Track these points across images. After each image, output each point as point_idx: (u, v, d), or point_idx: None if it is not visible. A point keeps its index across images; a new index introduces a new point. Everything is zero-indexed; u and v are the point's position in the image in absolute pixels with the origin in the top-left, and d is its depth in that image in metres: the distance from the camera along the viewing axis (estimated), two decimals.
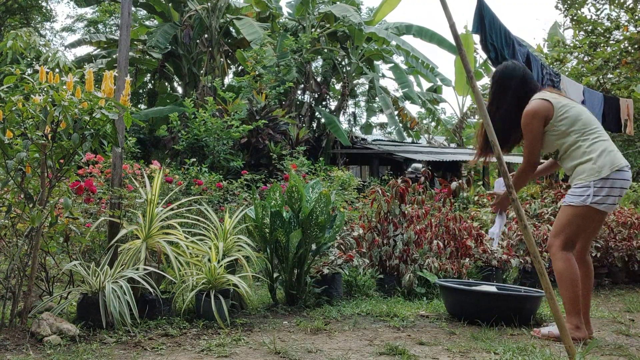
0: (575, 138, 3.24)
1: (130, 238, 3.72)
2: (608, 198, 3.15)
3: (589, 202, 3.16)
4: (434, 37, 15.72)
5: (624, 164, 3.20)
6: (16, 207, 3.27)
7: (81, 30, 22.80)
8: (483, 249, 5.08)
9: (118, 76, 3.59)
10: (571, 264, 3.20)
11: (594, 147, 3.21)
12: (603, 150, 3.18)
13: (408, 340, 3.15)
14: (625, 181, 3.21)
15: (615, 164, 3.16)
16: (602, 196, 3.13)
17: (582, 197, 3.18)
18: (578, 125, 3.25)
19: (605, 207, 3.17)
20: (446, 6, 2.98)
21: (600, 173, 3.14)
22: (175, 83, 18.07)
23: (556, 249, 3.25)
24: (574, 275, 3.19)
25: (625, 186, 3.22)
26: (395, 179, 5.03)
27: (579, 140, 3.24)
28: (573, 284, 3.18)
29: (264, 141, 9.77)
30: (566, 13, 8.03)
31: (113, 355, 2.72)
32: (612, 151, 3.21)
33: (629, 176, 3.23)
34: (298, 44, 13.42)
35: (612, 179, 3.15)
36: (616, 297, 4.99)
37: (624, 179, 3.19)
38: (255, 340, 3.09)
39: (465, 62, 2.96)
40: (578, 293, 3.19)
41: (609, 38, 7.70)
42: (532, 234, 2.81)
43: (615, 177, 3.16)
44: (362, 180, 12.46)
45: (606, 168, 3.15)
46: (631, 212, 6.23)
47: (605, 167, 3.15)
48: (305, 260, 4.06)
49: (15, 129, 3.05)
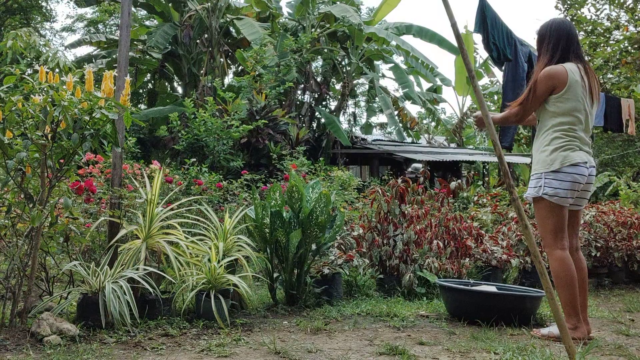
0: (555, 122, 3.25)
1: (130, 238, 3.72)
2: (559, 191, 3.16)
3: (541, 193, 3.20)
4: (434, 37, 15.72)
5: (579, 160, 3.20)
6: (16, 207, 3.27)
7: (81, 30, 22.80)
8: (483, 249, 5.08)
9: (118, 76, 3.59)
10: (565, 264, 3.20)
11: (558, 141, 3.21)
12: (561, 147, 3.20)
13: (408, 340, 3.15)
14: (580, 176, 3.19)
15: (568, 159, 3.17)
16: (553, 188, 3.16)
17: (535, 188, 3.25)
18: (567, 118, 3.24)
19: (557, 200, 3.18)
20: (448, 5, 2.98)
21: (552, 166, 3.18)
22: (175, 83, 18.06)
23: (549, 249, 3.28)
24: (569, 276, 3.18)
25: (580, 181, 3.20)
26: (395, 179, 5.03)
27: (557, 129, 3.24)
28: (569, 284, 3.18)
29: (264, 141, 9.77)
30: (566, 13, 8.03)
31: (113, 355, 2.72)
32: (573, 149, 3.21)
33: (585, 172, 3.21)
34: (298, 44, 13.42)
35: (563, 173, 3.17)
36: (616, 297, 4.98)
37: (577, 173, 3.18)
38: (255, 340, 3.09)
39: (467, 61, 2.96)
40: (575, 293, 3.18)
41: (609, 38, 7.70)
42: (532, 234, 2.81)
43: (567, 170, 3.17)
44: (362, 180, 12.45)
45: (557, 162, 3.18)
46: (631, 212, 6.24)
47: (557, 161, 3.19)
48: (305, 260, 4.06)
49: (15, 129, 3.05)
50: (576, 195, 3.26)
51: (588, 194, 3.39)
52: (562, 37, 3.32)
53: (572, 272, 3.19)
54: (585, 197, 3.39)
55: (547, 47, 3.36)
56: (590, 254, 5.46)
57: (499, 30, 4.54)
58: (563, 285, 3.19)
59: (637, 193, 8.55)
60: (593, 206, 6.52)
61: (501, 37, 4.57)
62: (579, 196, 3.32)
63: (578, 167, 3.19)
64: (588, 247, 5.50)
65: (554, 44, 3.34)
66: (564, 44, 3.32)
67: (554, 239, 3.25)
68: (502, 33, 4.57)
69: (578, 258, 3.37)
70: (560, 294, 3.21)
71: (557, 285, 3.22)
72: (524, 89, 4.99)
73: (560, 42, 3.33)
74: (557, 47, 3.33)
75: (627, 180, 11.32)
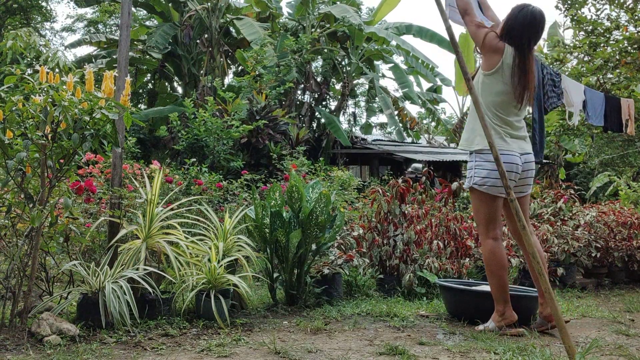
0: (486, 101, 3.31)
1: (130, 238, 3.72)
2: (487, 180, 3.25)
3: (472, 183, 3.30)
4: (434, 37, 15.72)
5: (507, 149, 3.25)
6: (16, 207, 3.27)
7: (81, 30, 22.79)
8: None
9: (118, 76, 3.58)
10: (496, 253, 3.32)
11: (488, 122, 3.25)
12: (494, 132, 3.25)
13: (408, 340, 3.15)
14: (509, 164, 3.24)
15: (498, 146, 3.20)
16: (481, 177, 3.26)
17: (467, 178, 3.37)
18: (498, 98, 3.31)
19: (487, 190, 3.26)
20: (442, 10, 3.00)
21: (471, 146, 3.30)
22: (175, 83, 18.07)
23: (481, 238, 3.43)
24: (499, 264, 3.32)
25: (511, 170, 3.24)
26: (395, 179, 5.03)
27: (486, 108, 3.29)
28: (498, 272, 3.32)
29: (264, 141, 9.77)
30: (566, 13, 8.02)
31: (113, 355, 2.72)
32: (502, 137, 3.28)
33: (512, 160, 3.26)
34: (298, 44, 13.42)
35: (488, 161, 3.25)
36: (616, 297, 4.99)
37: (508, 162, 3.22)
38: (255, 340, 3.09)
39: (462, 63, 2.97)
40: (504, 281, 3.33)
41: (609, 38, 7.69)
42: (530, 234, 2.81)
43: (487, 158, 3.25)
44: (362, 180, 12.45)
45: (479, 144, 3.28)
46: (631, 212, 6.24)
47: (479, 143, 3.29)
48: (305, 260, 4.06)
49: (16, 129, 3.05)
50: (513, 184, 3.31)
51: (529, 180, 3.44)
52: (517, 23, 3.36)
53: (503, 261, 3.34)
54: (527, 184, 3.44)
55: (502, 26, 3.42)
56: (590, 254, 5.46)
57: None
58: (492, 273, 3.35)
59: (637, 193, 8.56)
60: (593, 206, 6.53)
61: None
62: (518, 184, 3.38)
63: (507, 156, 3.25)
64: (588, 247, 5.50)
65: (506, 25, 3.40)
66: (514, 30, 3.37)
67: (486, 228, 3.38)
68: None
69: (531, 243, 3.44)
70: (490, 280, 3.37)
71: (488, 273, 3.39)
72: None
73: (510, 26, 3.37)
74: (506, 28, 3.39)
75: (627, 180, 11.33)
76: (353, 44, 15.33)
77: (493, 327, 3.34)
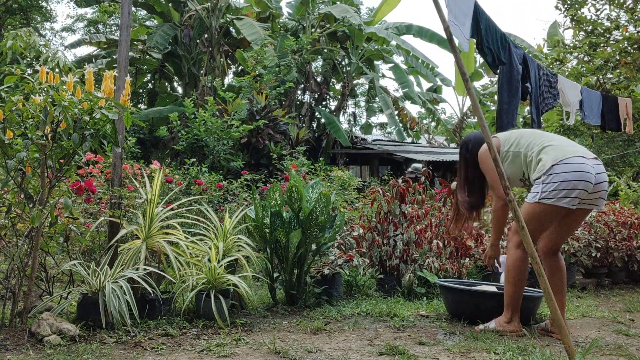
0: (525, 152, 3.34)
1: (130, 238, 3.72)
2: (557, 192, 3.13)
3: (538, 198, 3.21)
4: (434, 37, 15.73)
5: (570, 155, 3.18)
6: (16, 207, 3.27)
7: (81, 30, 22.80)
8: (483, 249, 5.08)
9: (118, 76, 3.59)
10: (521, 264, 3.29)
11: (542, 151, 3.27)
12: (548, 150, 3.25)
13: (408, 340, 3.15)
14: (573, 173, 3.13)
15: (559, 157, 3.18)
16: (550, 191, 3.15)
17: (532, 193, 3.26)
18: (523, 142, 3.35)
19: (555, 202, 3.14)
20: (440, 10, 2.99)
21: (544, 168, 3.20)
22: (175, 83, 18.07)
23: (510, 245, 3.36)
24: (521, 276, 3.31)
25: (582, 178, 3.13)
26: (395, 179, 5.03)
27: (528, 153, 3.32)
28: (518, 283, 3.30)
29: (264, 141, 9.77)
30: (566, 13, 8.02)
31: (113, 355, 2.72)
32: (559, 146, 3.25)
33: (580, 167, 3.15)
34: (298, 44, 13.42)
35: (554, 174, 3.17)
36: (616, 297, 4.99)
37: (570, 171, 3.13)
38: (255, 340, 3.09)
39: (461, 64, 2.96)
40: (521, 291, 3.32)
41: (608, 38, 7.70)
42: (529, 235, 2.81)
43: (557, 171, 3.16)
44: (362, 180, 12.45)
45: (548, 163, 3.20)
46: (631, 212, 6.24)
47: (548, 162, 3.21)
48: (305, 260, 4.06)
49: (16, 129, 3.05)
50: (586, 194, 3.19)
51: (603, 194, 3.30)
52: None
53: (525, 273, 3.33)
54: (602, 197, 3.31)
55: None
56: (591, 254, 5.46)
57: (493, 34, 4.54)
58: (511, 282, 3.32)
59: (637, 193, 8.55)
60: None
61: (495, 41, 4.57)
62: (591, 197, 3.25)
63: (570, 165, 3.17)
64: (588, 247, 5.50)
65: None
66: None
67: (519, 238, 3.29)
68: (496, 37, 4.57)
69: (555, 260, 3.43)
70: (507, 287, 3.35)
71: (507, 280, 3.36)
72: (519, 91, 5.04)
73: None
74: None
75: (627, 180, 11.31)
76: (353, 44, 15.34)
77: (493, 327, 3.32)
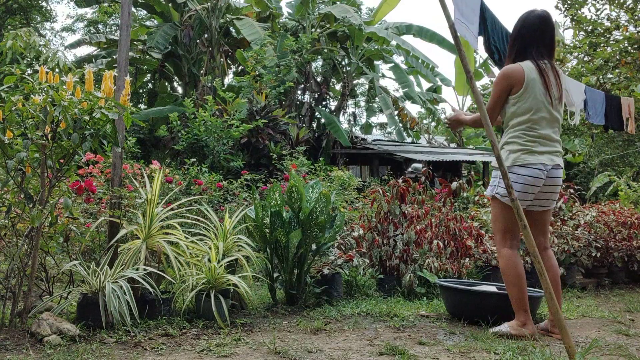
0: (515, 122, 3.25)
1: (130, 238, 3.72)
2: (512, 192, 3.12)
3: (494, 192, 3.23)
4: (434, 37, 15.72)
5: (533, 161, 3.18)
6: (16, 207, 3.27)
7: (81, 30, 22.82)
8: (483, 249, 5.08)
9: (118, 76, 3.58)
10: (511, 262, 3.26)
11: (517, 141, 3.22)
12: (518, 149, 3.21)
13: (408, 340, 3.15)
14: (534, 178, 3.18)
15: (519, 160, 3.17)
16: (504, 188, 3.10)
17: (491, 187, 3.28)
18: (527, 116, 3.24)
19: (508, 201, 3.12)
20: (445, 6, 2.99)
21: (505, 162, 3.17)
22: (175, 83, 18.06)
23: (497, 247, 3.35)
24: (516, 274, 3.25)
25: (534, 183, 3.18)
26: (395, 179, 5.03)
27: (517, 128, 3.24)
28: (516, 281, 3.25)
29: (264, 141, 9.77)
30: (566, 13, 8.02)
31: (113, 355, 2.72)
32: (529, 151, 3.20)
33: (540, 174, 3.19)
34: (298, 44, 13.42)
35: (514, 174, 3.17)
36: (616, 297, 4.99)
37: (530, 175, 3.17)
38: (255, 340, 3.09)
39: (465, 62, 2.96)
40: (523, 290, 3.25)
41: (609, 38, 7.70)
42: (531, 234, 2.81)
43: (518, 172, 3.17)
44: (362, 180, 12.45)
45: (509, 161, 3.19)
46: (631, 212, 6.24)
47: (509, 159, 3.20)
48: (305, 260, 4.06)
49: (15, 129, 3.05)
50: (534, 197, 3.26)
51: (554, 195, 3.37)
52: (525, 34, 3.32)
53: (519, 270, 3.26)
54: (551, 199, 3.37)
55: (511, 45, 3.39)
56: (590, 254, 5.46)
57: (499, 33, 4.55)
58: (510, 283, 3.27)
59: (637, 193, 8.56)
60: (593, 206, 6.53)
61: (501, 39, 4.57)
62: (542, 197, 3.31)
63: (530, 169, 3.19)
64: (588, 247, 5.50)
65: (514, 43, 3.37)
66: (525, 42, 3.32)
67: (503, 238, 3.32)
68: (501, 35, 4.57)
69: (547, 256, 3.39)
70: (509, 290, 3.29)
71: (506, 283, 3.31)
72: None
73: (519, 41, 3.34)
74: (516, 46, 3.35)
75: (627, 180, 11.31)
76: (353, 44, 15.33)
77: (507, 331, 3.22)
